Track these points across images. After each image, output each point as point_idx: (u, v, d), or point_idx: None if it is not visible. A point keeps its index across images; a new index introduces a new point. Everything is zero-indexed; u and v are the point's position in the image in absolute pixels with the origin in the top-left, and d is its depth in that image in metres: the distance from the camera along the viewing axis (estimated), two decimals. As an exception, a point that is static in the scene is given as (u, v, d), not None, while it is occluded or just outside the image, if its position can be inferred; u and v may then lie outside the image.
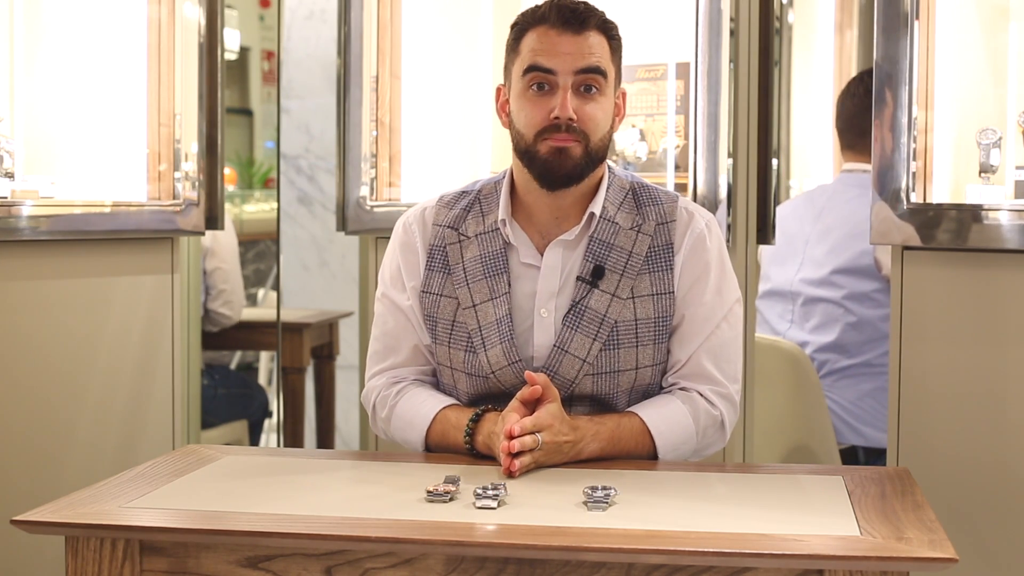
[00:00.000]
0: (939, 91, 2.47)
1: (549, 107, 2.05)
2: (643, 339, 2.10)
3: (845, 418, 3.21)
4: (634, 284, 2.10)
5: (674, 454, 2.10)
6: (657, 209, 2.14)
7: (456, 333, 2.13)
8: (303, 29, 5.47)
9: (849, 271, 3.24)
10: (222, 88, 2.96)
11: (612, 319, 2.09)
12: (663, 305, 2.11)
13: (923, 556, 1.55)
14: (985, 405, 2.42)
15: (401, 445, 2.20)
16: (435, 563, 1.65)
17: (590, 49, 2.05)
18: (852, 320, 3.23)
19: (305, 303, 5.38)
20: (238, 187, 5.42)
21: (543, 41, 2.06)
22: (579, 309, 2.09)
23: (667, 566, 1.61)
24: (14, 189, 2.61)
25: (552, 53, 2.05)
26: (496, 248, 2.13)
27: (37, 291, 2.67)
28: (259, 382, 4.96)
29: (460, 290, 2.13)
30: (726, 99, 2.62)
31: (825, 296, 3.27)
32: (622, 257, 2.10)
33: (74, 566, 1.70)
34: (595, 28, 2.07)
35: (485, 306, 2.11)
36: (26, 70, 2.78)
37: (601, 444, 2.04)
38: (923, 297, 2.47)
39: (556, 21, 2.06)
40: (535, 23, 2.08)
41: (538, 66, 2.05)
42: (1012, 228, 2.36)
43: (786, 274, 3.37)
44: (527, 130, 2.07)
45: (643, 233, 2.12)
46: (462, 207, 2.18)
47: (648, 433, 2.08)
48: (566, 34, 2.05)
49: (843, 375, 3.24)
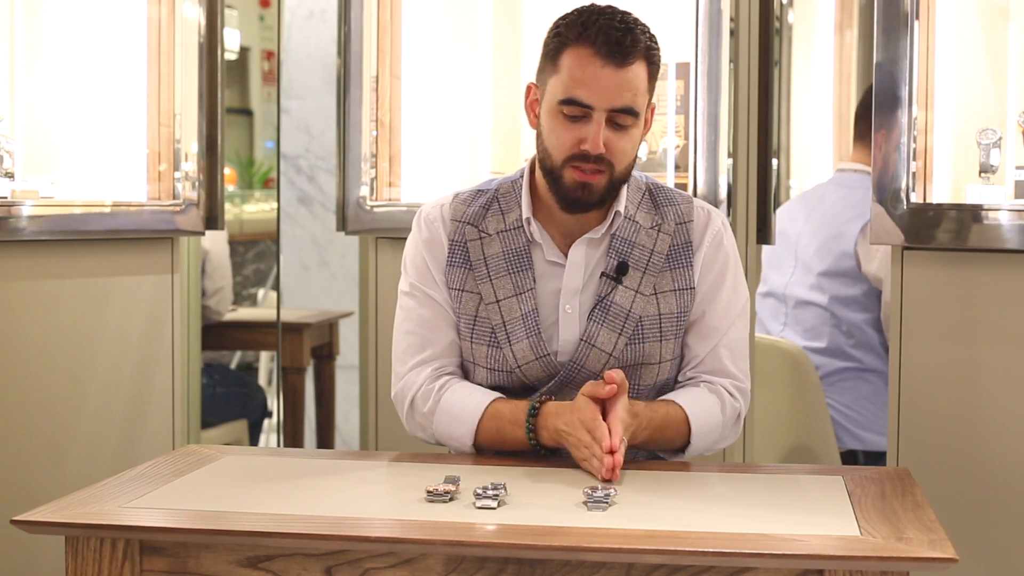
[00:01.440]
0: (939, 91, 2.47)
1: (581, 136, 2.02)
2: (666, 333, 2.13)
3: (843, 423, 3.20)
4: (656, 281, 2.13)
5: (703, 443, 2.12)
6: (675, 209, 2.17)
7: (479, 328, 2.14)
8: (303, 29, 5.47)
9: (832, 274, 3.23)
10: (222, 88, 2.96)
11: (637, 314, 2.11)
12: (684, 300, 2.14)
13: (923, 556, 1.55)
14: (985, 405, 2.42)
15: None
16: (435, 563, 1.65)
17: (629, 85, 2.01)
18: (840, 325, 3.22)
19: (305, 303, 5.38)
20: (238, 187, 5.42)
21: (585, 70, 2.00)
22: (605, 304, 2.11)
23: (667, 566, 1.61)
24: (14, 189, 2.61)
25: (592, 87, 2.00)
26: (520, 245, 2.14)
27: (37, 291, 2.67)
28: (259, 382, 4.96)
29: (483, 285, 2.14)
30: (726, 99, 2.62)
31: (814, 300, 3.27)
32: (644, 255, 2.13)
33: (74, 566, 1.70)
34: (639, 59, 2.02)
35: (509, 301, 2.12)
36: (26, 70, 2.78)
37: (650, 432, 2.06)
38: (923, 297, 2.47)
39: (601, 49, 2.00)
40: (579, 42, 2.02)
41: (576, 100, 2.01)
42: (1012, 228, 2.36)
43: (781, 277, 3.37)
44: (556, 152, 2.05)
45: (664, 232, 2.15)
46: (480, 204, 2.18)
47: (687, 423, 2.09)
48: (609, 66, 2.00)
49: (838, 379, 3.23)
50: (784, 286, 3.35)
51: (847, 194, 3.29)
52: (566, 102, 2.02)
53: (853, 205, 3.24)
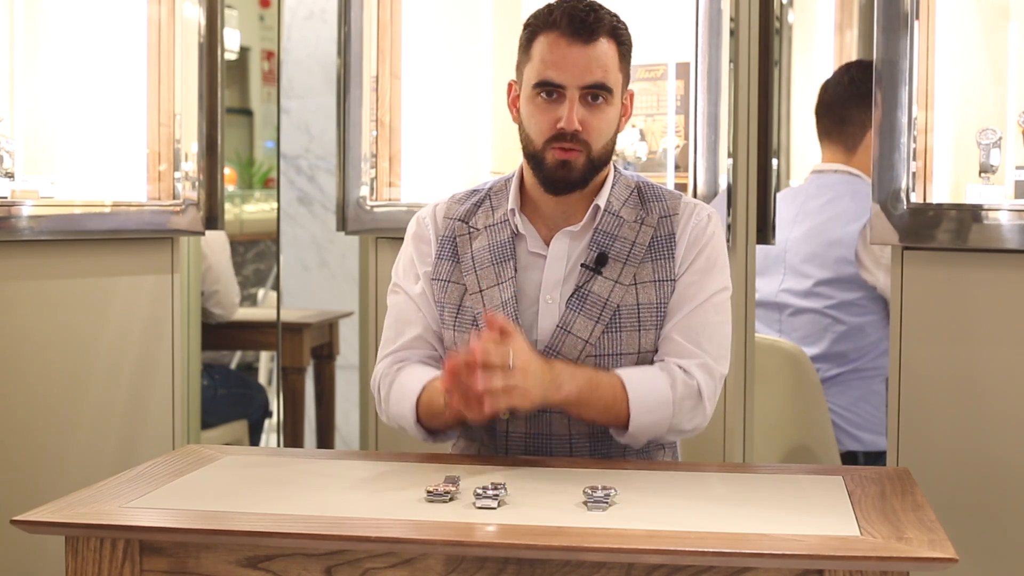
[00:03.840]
0: (939, 91, 2.47)
1: (556, 116, 2.09)
2: (645, 323, 2.13)
3: (841, 425, 3.20)
4: (636, 271, 2.14)
5: (648, 418, 2.07)
6: (661, 204, 2.19)
7: (462, 317, 2.17)
8: (303, 29, 5.47)
9: (833, 282, 3.21)
10: (222, 88, 2.96)
11: (614, 303, 2.12)
12: (664, 291, 2.14)
13: (923, 556, 1.55)
14: (985, 405, 2.42)
15: (400, 433, 2.19)
16: (435, 563, 1.65)
17: (598, 61, 2.09)
18: (841, 329, 3.21)
19: (305, 303, 5.38)
20: (238, 187, 5.42)
21: (553, 51, 2.09)
22: (582, 293, 2.13)
23: (667, 566, 1.61)
24: (14, 189, 2.61)
25: (561, 66, 2.08)
26: (504, 237, 2.18)
27: (37, 291, 2.67)
28: (259, 382, 4.96)
29: (468, 277, 2.18)
30: (726, 99, 2.62)
31: (811, 307, 3.25)
32: (625, 247, 2.15)
33: (74, 566, 1.70)
34: (605, 36, 2.10)
35: (491, 291, 2.16)
36: (26, 70, 2.78)
37: (579, 384, 2.04)
38: (923, 297, 2.47)
39: (567, 29, 2.08)
40: (546, 28, 2.11)
41: (547, 81, 2.09)
42: (1012, 228, 2.36)
43: (769, 286, 3.32)
44: (536, 136, 2.12)
45: (646, 225, 2.16)
46: (473, 203, 2.24)
47: (624, 388, 2.06)
48: (576, 44, 2.08)
49: (835, 382, 3.22)
50: (775, 294, 3.31)
51: (833, 199, 3.26)
52: (539, 84, 2.10)
53: (843, 210, 3.22)
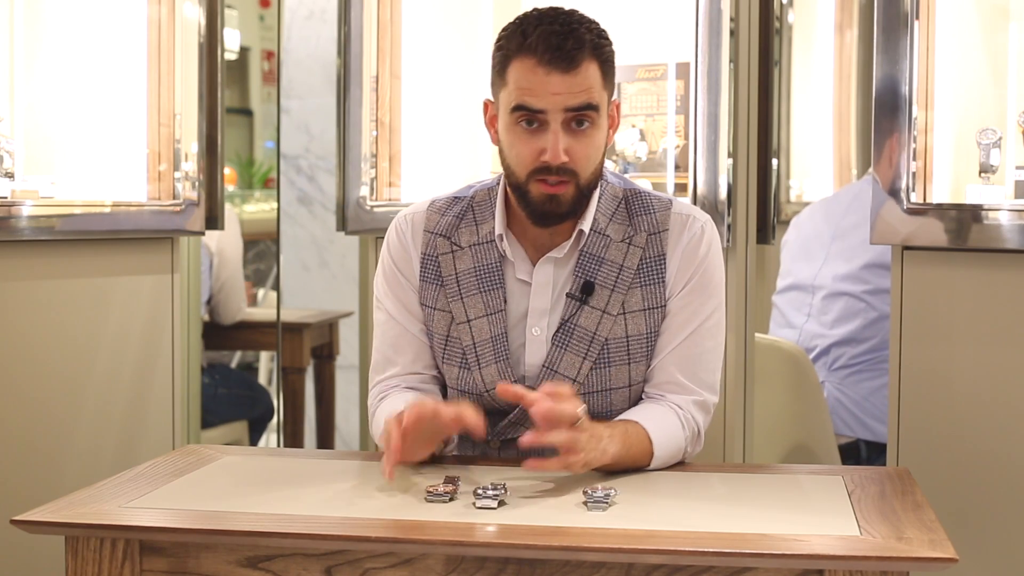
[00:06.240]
0: (939, 91, 2.47)
1: (539, 147, 1.94)
2: (635, 356, 2.05)
3: (854, 411, 3.23)
4: (625, 299, 2.04)
5: (663, 461, 1.99)
6: (649, 219, 2.06)
7: (450, 349, 2.09)
8: (303, 29, 5.47)
9: (881, 266, 3.26)
10: (222, 88, 2.96)
11: (603, 336, 2.03)
12: (655, 319, 2.05)
13: (923, 556, 1.55)
14: (985, 405, 2.42)
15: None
16: (435, 563, 1.65)
17: (580, 85, 1.92)
18: (872, 316, 3.26)
19: (305, 303, 5.37)
20: (238, 187, 5.42)
21: (530, 79, 1.92)
22: (568, 327, 2.03)
23: (667, 566, 1.61)
24: (14, 189, 2.61)
25: (540, 94, 1.91)
26: (491, 261, 2.07)
27: (37, 291, 2.66)
28: (259, 382, 4.96)
29: (454, 304, 2.08)
30: (726, 99, 2.62)
31: (849, 290, 3.30)
32: (613, 271, 2.04)
33: (74, 566, 1.70)
34: (587, 59, 1.92)
35: (480, 322, 2.06)
36: (26, 70, 2.78)
37: (617, 446, 1.90)
38: (923, 297, 2.47)
39: (543, 56, 1.90)
40: (521, 53, 1.93)
41: (526, 107, 1.93)
42: (1012, 228, 2.36)
43: (810, 269, 3.41)
44: (518, 168, 1.97)
45: (634, 245, 2.04)
46: (454, 214, 2.11)
47: (649, 440, 1.96)
48: (554, 73, 1.91)
49: (857, 369, 3.26)
50: (813, 277, 3.40)
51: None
52: (517, 109, 1.94)
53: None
